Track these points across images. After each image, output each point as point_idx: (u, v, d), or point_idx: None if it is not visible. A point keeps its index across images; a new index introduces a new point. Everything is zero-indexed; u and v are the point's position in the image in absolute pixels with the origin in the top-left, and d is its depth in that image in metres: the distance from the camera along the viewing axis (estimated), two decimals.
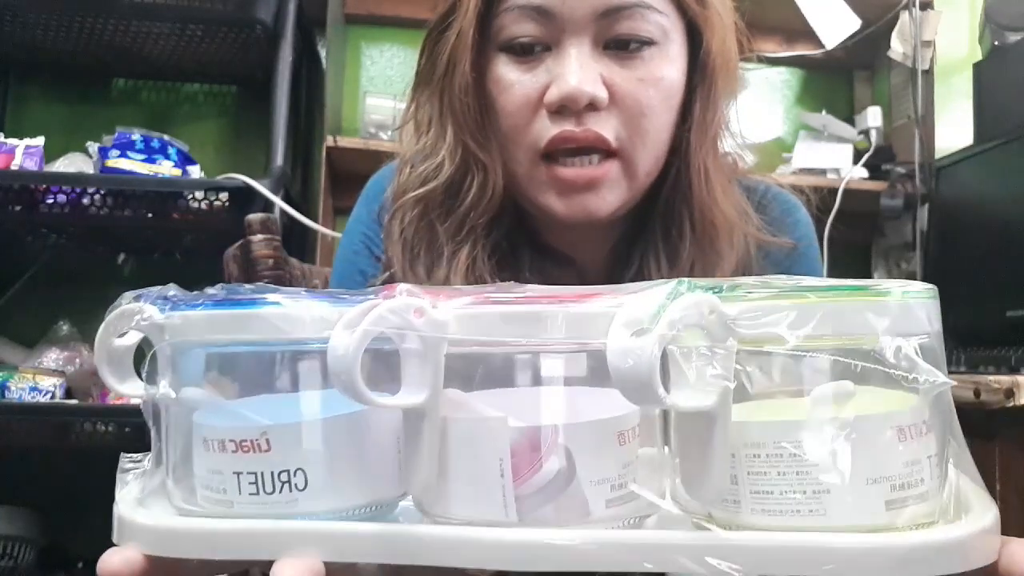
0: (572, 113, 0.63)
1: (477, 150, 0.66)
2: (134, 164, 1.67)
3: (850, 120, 2.11)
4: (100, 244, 1.91)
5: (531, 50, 0.65)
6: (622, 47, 0.64)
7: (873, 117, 2.06)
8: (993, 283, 1.58)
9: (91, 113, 1.99)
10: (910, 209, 1.92)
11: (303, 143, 1.98)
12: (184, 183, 1.67)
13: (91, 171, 1.71)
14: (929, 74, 1.96)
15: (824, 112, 2.11)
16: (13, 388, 1.61)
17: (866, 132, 2.06)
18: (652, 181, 0.68)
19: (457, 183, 0.68)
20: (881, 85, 2.21)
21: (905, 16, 1.94)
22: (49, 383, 1.64)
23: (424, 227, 0.70)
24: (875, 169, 1.99)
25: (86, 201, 1.60)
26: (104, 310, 0.42)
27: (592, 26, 0.63)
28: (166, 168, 1.70)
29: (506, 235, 0.70)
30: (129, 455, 0.43)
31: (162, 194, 1.62)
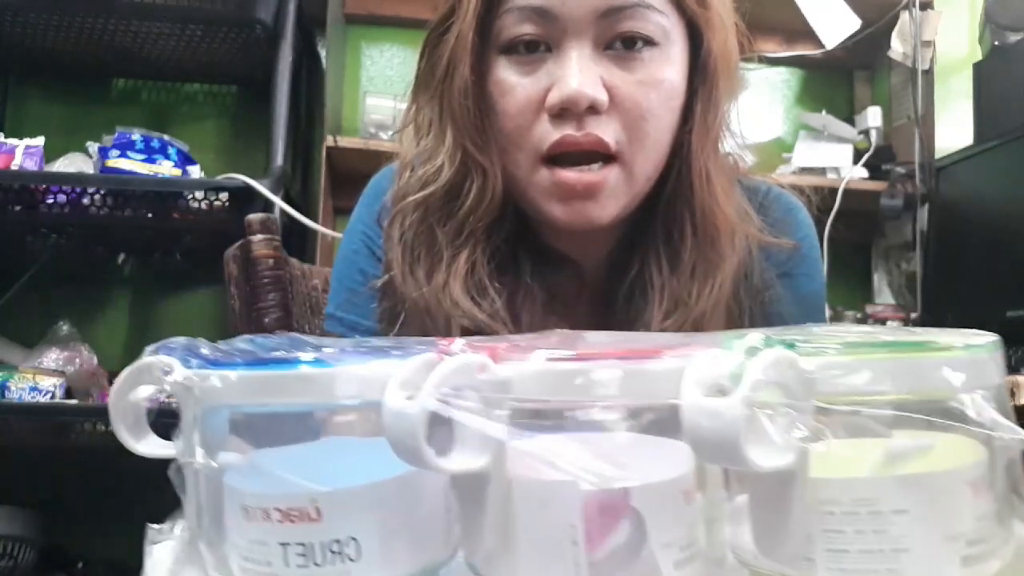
0: (573, 116, 0.63)
1: (476, 153, 0.66)
2: (134, 164, 1.67)
3: (850, 120, 2.11)
4: (100, 244, 1.91)
5: (534, 48, 0.64)
6: (623, 48, 0.64)
7: (873, 117, 2.06)
8: (993, 283, 1.58)
9: (91, 113, 1.99)
10: (910, 209, 1.92)
11: (303, 143, 1.98)
12: (184, 183, 1.67)
13: (91, 171, 1.71)
14: (929, 74, 1.96)
15: (824, 112, 2.11)
16: (13, 388, 1.61)
17: (866, 132, 2.06)
18: (653, 184, 0.68)
19: (457, 186, 0.68)
20: (881, 85, 2.21)
21: (905, 16, 1.94)
22: (49, 383, 1.63)
23: (424, 230, 0.69)
24: (875, 169, 1.99)
25: (86, 201, 1.61)
26: (104, 310, 0.41)
27: (593, 27, 0.63)
28: (166, 168, 1.70)
29: (506, 239, 0.70)
30: (156, 526, 0.39)
31: (162, 194, 1.62)
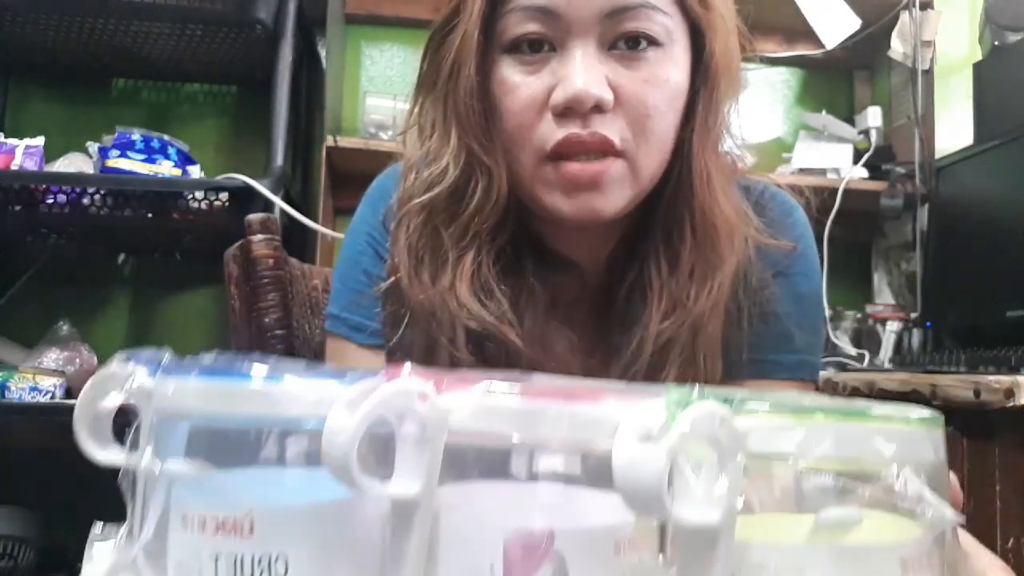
0: (578, 115, 0.63)
1: (481, 154, 0.66)
2: (134, 164, 1.67)
3: (850, 120, 2.11)
4: (100, 244, 1.92)
5: (538, 48, 0.64)
6: (627, 48, 0.64)
7: (873, 117, 2.06)
8: (993, 283, 1.58)
9: (91, 113, 1.99)
10: (910, 209, 1.92)
11: (303, 143, 1.98)
12: (184, 183, 1.67)
13: (91, 171, 1.71)
14: (929, 74, 1.96)
15: (824, 112, 2.11)
16: (13, 388, 1.61)
17: (866, 132, 2.06)
18: (654, 184, 0.68)
19: (462, 188, 0.68)
20: (881, 85, 2.22)
21: (905, 16, 1.94)
22: (49, 383, 1.63)
23: (429, 233, 0.69)
24: (875, 169, 1.99)
25: (86, 201, 1.61)
26: (104, 310, 0.42)
27: (597, 27, 0.63)
28: (166, 168, 1.70)
29: (510, 240, 0.70)
30: (100, 526, 0.40)
31: (162, 194, 1.62)
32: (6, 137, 1.71)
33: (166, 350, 0.39)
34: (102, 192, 1.60)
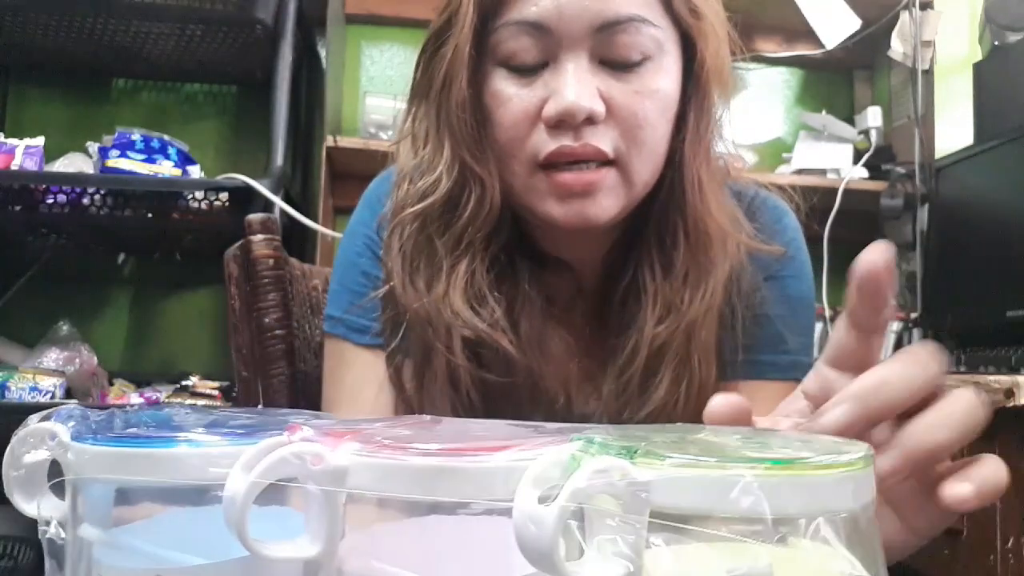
0: (570, 127, 0.63)
1: (474, 165, 0.67)
2: (134, 164, 1.67)
3: (850, 120, 2.11)
4: (100, 244, 1.91)
5: (530, 61, 0.65)
6: (618, 60, 0.64)
7: (873, 117, 2.06)
8: (993, 283, 1.58)
9: (91, 113, 2.00)
10: (910, 209, 1.92)
11: (303, 143, 1.98)
12: (184, 183, 1.67)
13: (91, 171, 1.71)
14: (929, 74, 1.96)
15: (824, 112, 2.11)
16: (13, 388, 1.61)
17: (866, 132, 2.06)
18: (649, 189, 0.69)
19: (455, 198, 0.68)
20: (881, 85, 2.22)
21: (905, 16, 1.94)
22: (49, 383, 1.64)
23: (423, 241, 0.70)
24: (875, 169, 1.99)
25: (86, 201, 1.61)
26: (104, 310, 0.42)
27: (588, 40, 0.63)
28: (166, 168, 1.70)
29: (504, 248, 0.70)
30: None
31: (162, 194, 1.63)
32: (6, 137, 1.71)
33: (89, 410, 0.40)
34: (102, 192, 1.60)
